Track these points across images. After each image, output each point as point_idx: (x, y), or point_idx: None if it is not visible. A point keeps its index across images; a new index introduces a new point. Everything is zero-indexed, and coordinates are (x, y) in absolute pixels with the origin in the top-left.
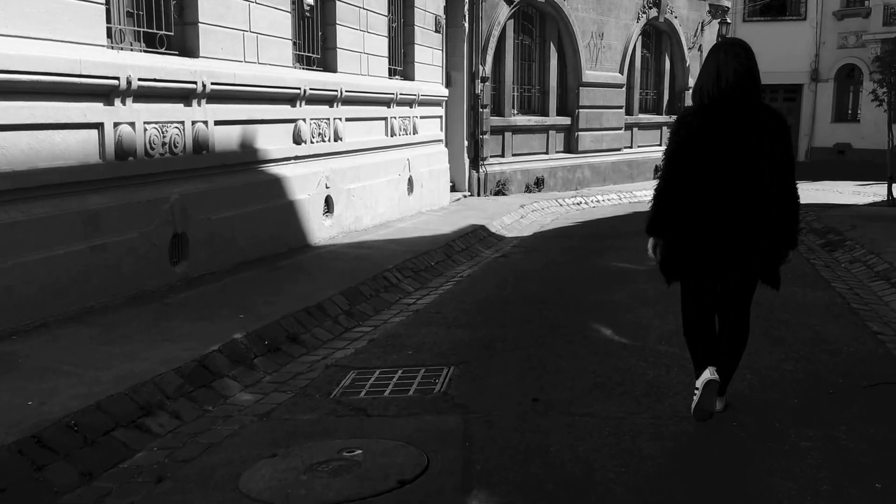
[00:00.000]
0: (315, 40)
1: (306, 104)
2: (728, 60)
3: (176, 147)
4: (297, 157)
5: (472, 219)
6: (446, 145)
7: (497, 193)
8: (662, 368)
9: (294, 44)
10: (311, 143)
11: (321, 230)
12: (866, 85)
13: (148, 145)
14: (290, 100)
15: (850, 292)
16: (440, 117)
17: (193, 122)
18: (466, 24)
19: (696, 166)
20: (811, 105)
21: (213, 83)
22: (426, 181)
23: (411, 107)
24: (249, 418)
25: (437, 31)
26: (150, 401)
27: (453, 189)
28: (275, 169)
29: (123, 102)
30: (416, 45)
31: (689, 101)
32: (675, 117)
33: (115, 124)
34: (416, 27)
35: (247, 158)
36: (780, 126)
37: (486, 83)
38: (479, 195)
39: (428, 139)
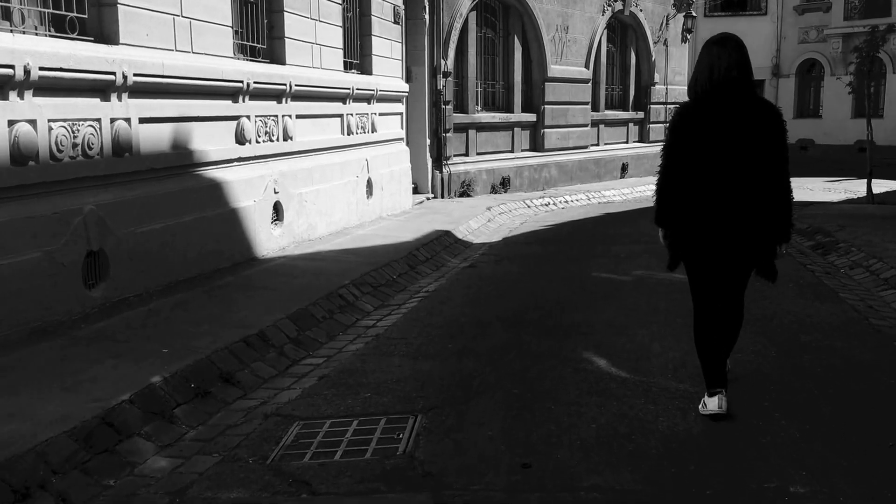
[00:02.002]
0: (260, 28)
1: (250, 99)
2: (721, 54)
3: (91, 149)
4: (240, 159)
5: (437, 223)
6: (407, 144)
7: (462, 195)
8: (677, 414)
9: (235, 32)
10: (257, 142)
11: (270, 240)
12: (828, 80)
13: (54, 147)
14: (232, 94)
15: (862, 304)
16: (400, 114)
17: (113, 120)
18: (427, 16)
19: (692, 160)
20: (773, 101)
21: (136, 74)
22: (386, 183)
23: (369, 103)
24: (159, 498)
25: (395, 22)
26: (29, 479)
27: (415, 191)
28: (214, 172)
29: (21, 96)
30: (373, 37)
31: (655, 97)
32: (641, 114)
33: (10, 122)
34: (373, 17)
35: (180, 161)
36: (774, 119)
37: (449, 78)
38: (442, 197)
39: (388, 138)
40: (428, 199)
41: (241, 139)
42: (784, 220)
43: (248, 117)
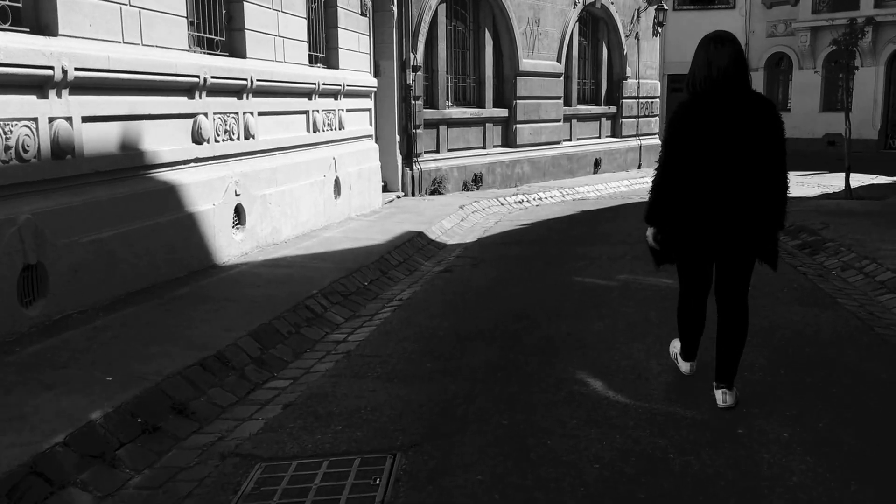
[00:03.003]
0: (218, 19)
1: (208, 95)
2: (718, 51)
3: (26, 152)
4: (197, 160)
5: (409, 224)
6: (376, 141)
7: (433, 192)
8: (688, 448)
9: (191, 23)
10: (216, 141)
11: (231, 246)
12: (796, 73)
13: None
14: (187, 90)
15: (863, 311)
16: (369, 110)
17: (52, 119)
18: (395, 8)
19: (692, 154)
20: None
21: (77, 69)
22: (355, 182)
23: (336, 98)
24: None
25: (362, 14)
26: None
27: (385, 189)
28: (168, 175)
29: None
30: (339, 29)
31: (627, 91)
32: (613, 109)
33: None
34: (339, 9)
35: (129, 163)
36: (771, 113)
37: (418, 73)
38: (413, 195)
39: (356, 135)
40: (398, 197)
41: (198, 138)
42: (779, 210)
43: (205, 115)
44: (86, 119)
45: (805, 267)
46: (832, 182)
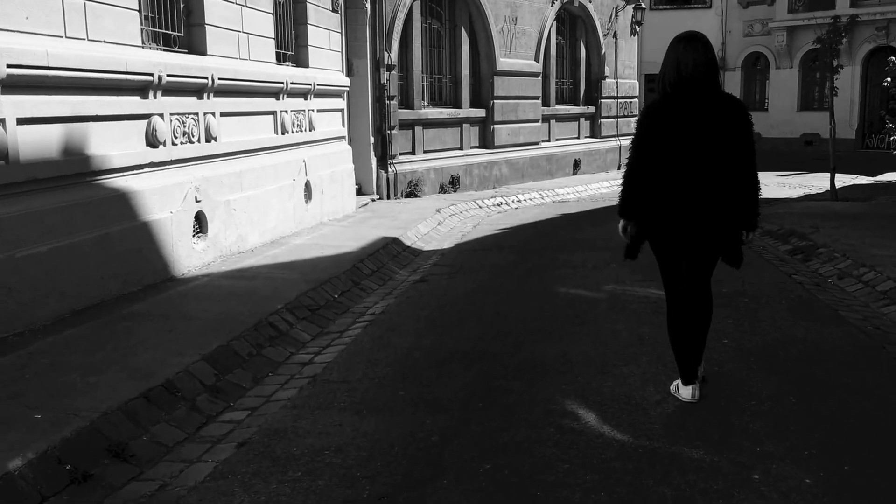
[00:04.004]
0: (175, 14)
1: (164, 95)
2: (687, 51)
3: None
4: (152, 165)
5: (383, 229)
6: (350, 143)
7: (409, 195)
8: (699, 501)
9: (145, 17)
10: (174, 144)
11: (191, 256)
12: (773, 73)
13: None
14: (140, 89)
15: (868, 325)
16: (341, 111)
17: None
18: (368, 5)
19: (660, 152)
20: None
21: (11, 66)
22: (327, 186)
23: (306, 98)
24: None
25: (334, 10)
26: None
27: (359, 192)
28: (119, 181)
29: None
30: (309, 26)
31: (605, 91)
32: (592, 109)
33: None
34: (308, 4)
35: (73, 169)
36: (740, 112)
37: (393, 72)
38: (388, 198)
39: (328, 136)
40: (373, 200)
41: (152, 141)
42: (751, 210)
43: (161, 116)
44: (22, 121)
45: (800, 275)
46: (813, 182)
